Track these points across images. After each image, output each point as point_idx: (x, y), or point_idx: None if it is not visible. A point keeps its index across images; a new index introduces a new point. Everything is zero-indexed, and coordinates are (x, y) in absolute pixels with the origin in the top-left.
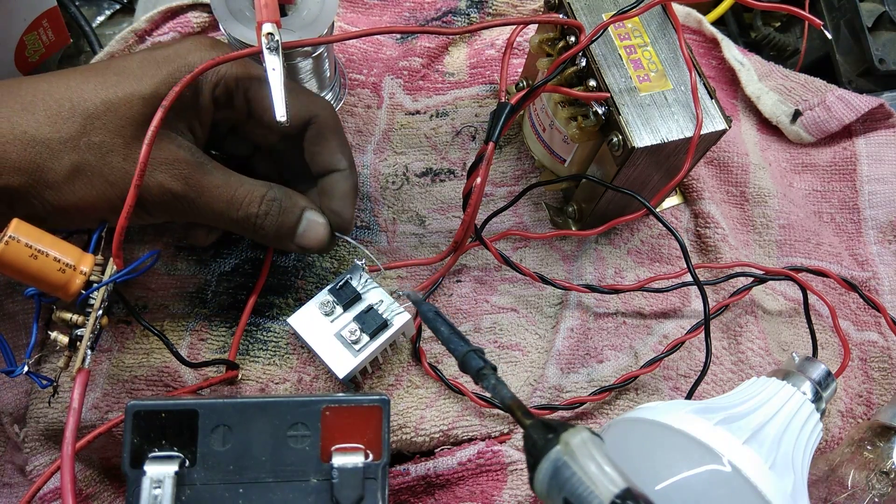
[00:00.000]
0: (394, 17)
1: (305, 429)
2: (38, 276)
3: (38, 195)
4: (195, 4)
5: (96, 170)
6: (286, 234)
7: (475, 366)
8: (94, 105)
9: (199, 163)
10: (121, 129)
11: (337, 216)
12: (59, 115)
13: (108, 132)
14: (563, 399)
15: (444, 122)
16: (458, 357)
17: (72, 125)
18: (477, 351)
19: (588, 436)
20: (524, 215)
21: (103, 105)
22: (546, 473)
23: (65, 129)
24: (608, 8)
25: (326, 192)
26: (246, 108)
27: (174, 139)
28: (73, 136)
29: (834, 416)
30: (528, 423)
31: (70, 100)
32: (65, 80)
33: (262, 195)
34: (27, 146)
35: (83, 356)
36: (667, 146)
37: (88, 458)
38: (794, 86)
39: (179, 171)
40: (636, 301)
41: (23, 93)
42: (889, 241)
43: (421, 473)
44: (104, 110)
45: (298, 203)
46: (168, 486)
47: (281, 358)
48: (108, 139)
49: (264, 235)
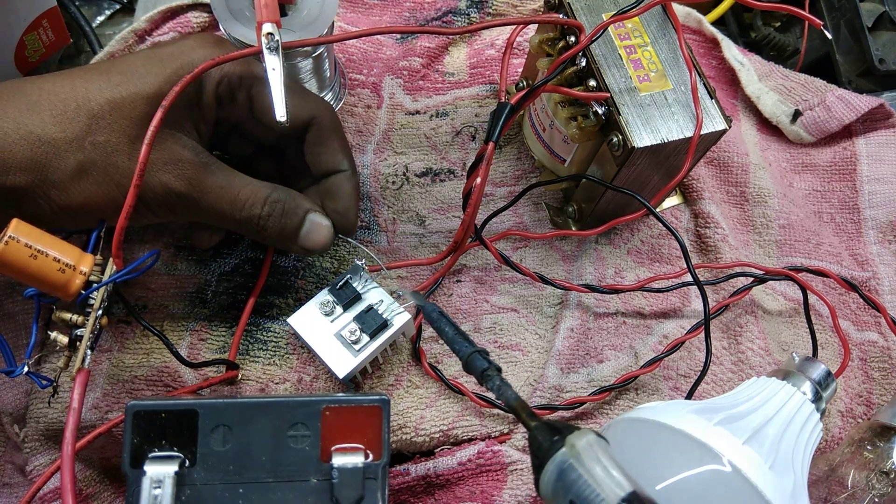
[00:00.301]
0: (394, 17)
1: (305, 429)
2: (37, 276)
3: (43, 194)
4: (195, 4)
5: (101, 169)
6: (289, 236)
7: (479, 366)
8: (98, 105)
9: (204, 163)
10: (126, 128)
11: (342, 218)
12: (65, 115)
13: (114, 132)
14: (563, 399)
15: (444, 122)
16: (463, 358)
17: (77, 125)
18: (481, 352)
19: (594, 438)
20: (524, 215)
21: (108, 105)
22: (552, 475)
23: (70, 128)
24: (608, 8)
25: (330, 193)
26: (248, 107)
27: (179, 139)
28: (79, 135)
29: (834, 416)
30: (533, 425)
31: (75, 99)
32: (70, 80)
33: (266, 196)
34: (33, 145)
35: (83, 356)
36: (667, 146)
37: (88, 458)
38: (794, 86)
39: (183, 172)
40: (636, 301)
41: (28, 92)
42: (889, 241)
43: (421, 473)
44: (109, 110)
45: (302, 205)
46: (168, 486)
47: (281, 358)
48: (113, 139)
49: (267, 236)
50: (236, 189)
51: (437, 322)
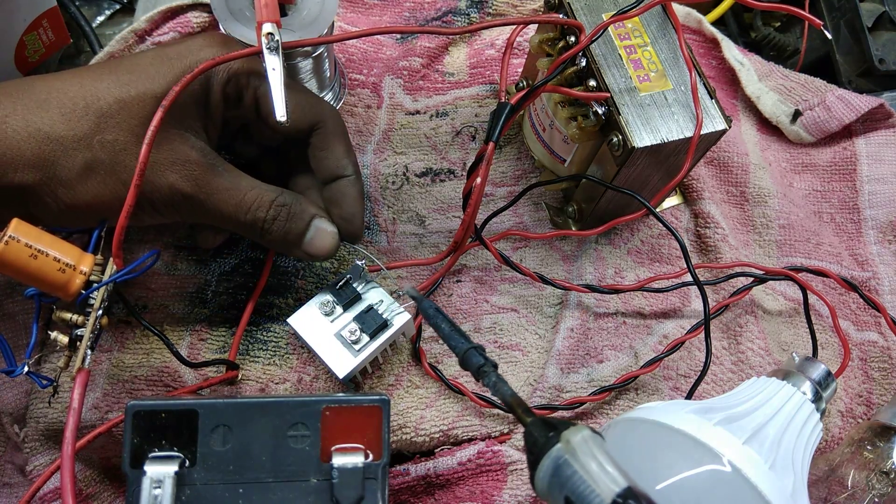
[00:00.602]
0: (394, 17)
1: (305, 429)
2: (37, 275)
3: (51, 192)
4: (195, 4)
5: (109, 168)
6: (293, 241)
7: (476, 363)
8: (107, 104)
9: (210, 164)
10: (134, 127)
11: (347, 223)
12: (74, 113)
13: (122, 131)
14: (563, 399)
15: (444, 122)
16: (459, 354)
17: (85, 123)
18: (477, 348)
19: (589, 434)
20: (524, 215)
21: (117, 104)
22: (547, 471)
23: (78, 126)
24: (608, 8)
25: (335, 199)
26: (255, 107)
27: (187, 139)
28: (87, 133)
29: (834, 416)
30: (528, 421)
31: (84, 98)
32: (78, 79)
33: (272, 200)
34: (41, 143)
35: (83, 356)
36: (667, 146)
37: (88, 458)
38: (794, 86)
39: (190, 172)
40: (636, 301)
41: (37, 90)
42: (889, 241)
43: (421, 473)
44: (118, 109)
45: (308, 210)
46: (168, 486)
47: (281, 358)
48: (121, 137)
49: (271, 240)
50: (242, 191)
51: (434, 318)
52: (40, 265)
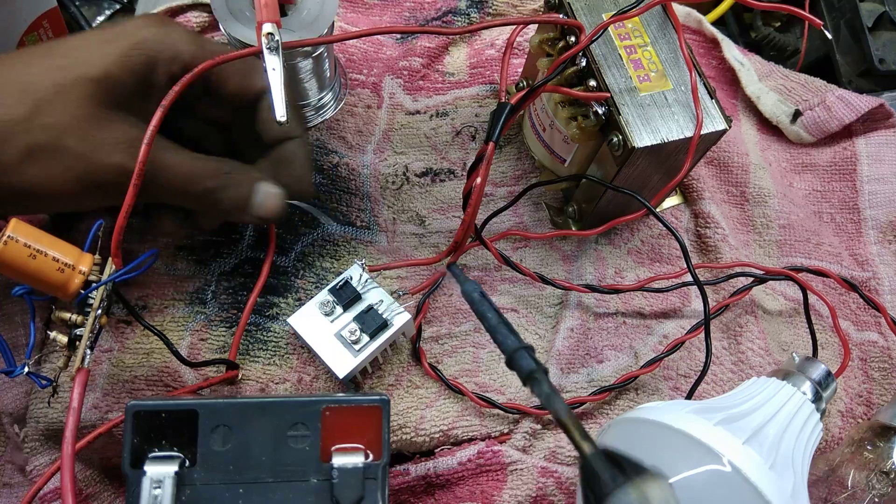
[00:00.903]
0: (394, 17)
1: (305, 429)
2: (36, 275)
3: None
4: (195, 4)
5: (50, 152)
6: (242, 206)
7: (526, 367)
8: (43, 87)
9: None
10: (73, 110)
11: (298, 182)
12: (10, 97)
13: (61, 114)
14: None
15: (444, 122)
16: (507, 352)
17: (22, 107)
18: (528, 349)
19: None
20: (524, 215)
21: (53, 88)
22: None
23: (15, 111)
24: (608, 8)
25: (284, 160)
26: (202, 86)
27: (126, 118)
28: (25, 117)
29: (834, 416)
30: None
31: (18, 82)
32: (10, 63)
33: (217, 169)
34: None
35: (82, 356)
36: (667, 146)
37: (88, 458)
38: (794, 86)
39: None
40: (636, 301)
41: None
42: (889, 241)
43: (421, 473)
44: (54, 93)
45: (251, 175)
46: (168, 486)
47: (281, 358)
48: (62, 120)
49: (223, 210)
50: (188, 165)
51: (479, 305)
52: (39, 265)
